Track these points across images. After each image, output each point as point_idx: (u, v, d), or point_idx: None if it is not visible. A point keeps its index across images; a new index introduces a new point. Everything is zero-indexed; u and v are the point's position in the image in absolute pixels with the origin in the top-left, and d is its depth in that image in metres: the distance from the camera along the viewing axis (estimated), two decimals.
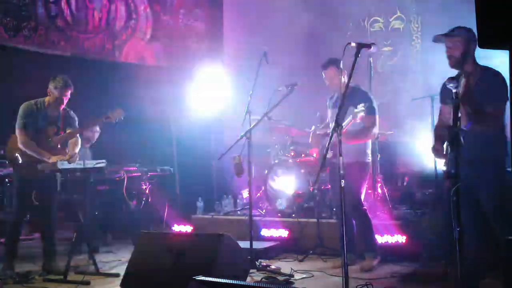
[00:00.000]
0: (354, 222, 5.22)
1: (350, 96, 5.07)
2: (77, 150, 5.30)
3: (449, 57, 3.89)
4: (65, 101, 5.25)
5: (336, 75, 5.11)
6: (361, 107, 4.74)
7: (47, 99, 5.25)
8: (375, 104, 5.14)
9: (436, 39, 3.96)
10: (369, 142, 5.29)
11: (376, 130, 5.16)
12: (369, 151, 5.29)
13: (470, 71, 3.82)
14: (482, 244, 3.80)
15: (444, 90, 3.99)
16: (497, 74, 3.76)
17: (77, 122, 5.43)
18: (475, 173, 3.64)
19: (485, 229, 3.82)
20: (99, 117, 5.42)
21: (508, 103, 3.65)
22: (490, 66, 3.87)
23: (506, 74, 3.49)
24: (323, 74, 5.27)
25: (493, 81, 3.71)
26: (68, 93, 5.23)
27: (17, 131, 5.16)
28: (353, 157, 5.03)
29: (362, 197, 5.22)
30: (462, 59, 3.83)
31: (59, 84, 5.16)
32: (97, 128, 6.63)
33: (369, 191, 6.08)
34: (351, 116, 4.80)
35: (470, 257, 3.78)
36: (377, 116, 5.13)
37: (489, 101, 3.65)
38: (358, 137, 5.09)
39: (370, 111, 5.01)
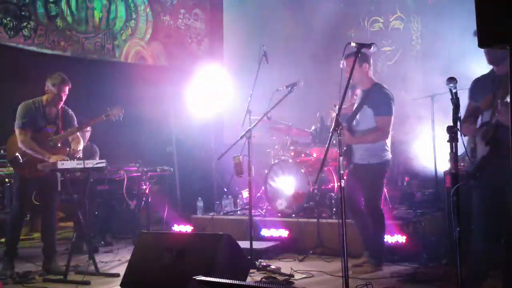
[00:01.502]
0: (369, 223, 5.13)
1: (367, 95, 5.06)
2: (80, 147, 5.30)
3: (487, 53, 3.75)
4: (64, 98, 5.23)
5: (358, 67, 4.92)
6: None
7: (44, 97, 5.24)
8: (390, 105, 4.96)
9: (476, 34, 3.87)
10: (386, 140, 5.04)
11: (387, 131, 4.96)
12: (386, 151, 5.05)
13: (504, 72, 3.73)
14: (487, 245, 3.77)
15: (474, 87, 3.89)
16: None
17: (75, 121, 5.43)
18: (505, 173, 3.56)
19: (492, 229, 3.78)
20: (99, 115, 5.42)
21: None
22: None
23: None
24: (344, 64, 4.87)
25: None
26: (66, 89, 5.21)
27: (16, 131, 5.15)
28: (369, 158, 4.98)
29: (381, 199, 5.05)
30: (501, 57, 3.71)
31: (56, 81, 5.15)
32: (88, 128, 6.63)
33: None
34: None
35: (476, 257, 3.77)
36: (390, 117, 4.95)
37: None
38: (368, 137, 4.97)
39: (382, 111, 4.93)
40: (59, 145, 5.29)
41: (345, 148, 5.23)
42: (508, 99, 3.42)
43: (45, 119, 5.25)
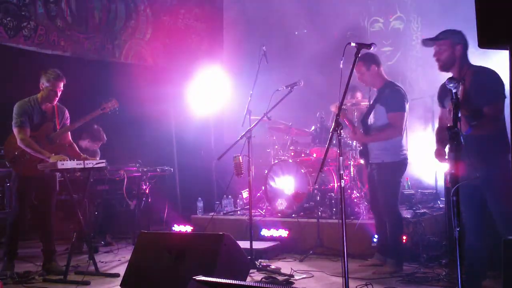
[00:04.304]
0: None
1: (380, 93, 5.02)
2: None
3: (437, 60, 3.91)
4: (59, 93, 5.23)
5: (365, 70, 4.98)
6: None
7: (39, 95, 5.25)
8: (402, 101, 4.90)
9: (424, 43, 4.01)
10: (400, 139, 4.95)
11: (400, 127, 4.87)
12: (402, 150, 4.98)
13: (461, 74, 3.80)
14: (483, 245, 3.79)
15: (441, 92, 3.98)
16: (490, 73, 3.75)
17: (69, 120, 5.45)
18: (480, 175, 3.58)
19: (486, 229, 3.80)
20: (95, 110, 5.44)
21: (508, 102, 3.64)
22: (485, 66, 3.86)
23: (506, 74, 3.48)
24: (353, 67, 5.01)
25: (486, 81, 3.71)
26: (61, 85, 5.22)
27: (14, 130, 5.15)
28: (383, 157, 4.93)
29: (397, 198, 5.00)
30: (449, 63, 3.84)
31: (51, 76, 5.16)
32: (98, 151, 6.68)
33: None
34: None
35: (470, 257, 3.78)
36: (402, 113, 4.87)
37: (484, 101, 3.63)
38: (380, 135, 4.92)
39: (393, 107, 4.87)
40: (57, 141, 5.30)
41: (361, 147, 5.22)
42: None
43: (42, 116, 5.26)
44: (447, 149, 3.80)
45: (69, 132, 5.46)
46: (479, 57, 3.95)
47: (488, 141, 3.66)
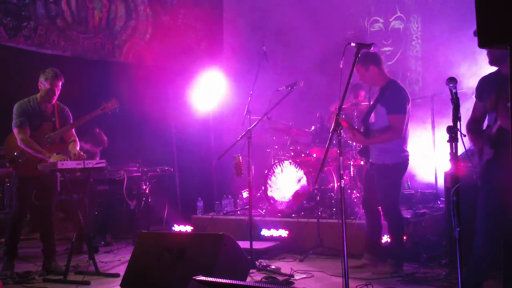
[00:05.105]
0: (380, 224, 5.10)
1: (382, 93, 4.94)
2: (78, 147, 5.32)
3: (489, 53, 3.73)
4: (57, 93, 5.23)
5: (365, 72, 4.91)
6: None
7: (38, 94, 5.25)
8: (403, 103, 4.81)
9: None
10: (401, 140, 4.87)
11: (400, 130, 4.78)
12: (403, 151, 4.91)
13: (507, 72, 3.69)
14: (490, 246, 3.76)
15: (480, 86, 3.85)
16: None
17: (71, 118, 5.44)
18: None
19: (492, 229, 3.77)
20: (95, 109, 5.44)
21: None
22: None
23: None
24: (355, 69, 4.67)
25: None
26: (59, 84, 5.22)
27: (14, 130, 5.15)
28: (384, 159, 4.88)
29: (397, 199, 4.95)
30: (501, 57, 3.64)
31: (49, 75, 5.16)
32: (97, 153, 6.68)
33: None
34: None
35: (475, 257, 3.77)
36: (403, 116, 4.78)
37: None
38: (381, 137, 4.85)
39: (394, 109, 4.79)
40: (57, 141, 5.31)
41: (361, 146, 5.21)
42: (509, 103, 3.41)
43: (41, 116, 5.25)
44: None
45: (73, 129, 5.43)
46: (483, 56, 3.92)
47: None
